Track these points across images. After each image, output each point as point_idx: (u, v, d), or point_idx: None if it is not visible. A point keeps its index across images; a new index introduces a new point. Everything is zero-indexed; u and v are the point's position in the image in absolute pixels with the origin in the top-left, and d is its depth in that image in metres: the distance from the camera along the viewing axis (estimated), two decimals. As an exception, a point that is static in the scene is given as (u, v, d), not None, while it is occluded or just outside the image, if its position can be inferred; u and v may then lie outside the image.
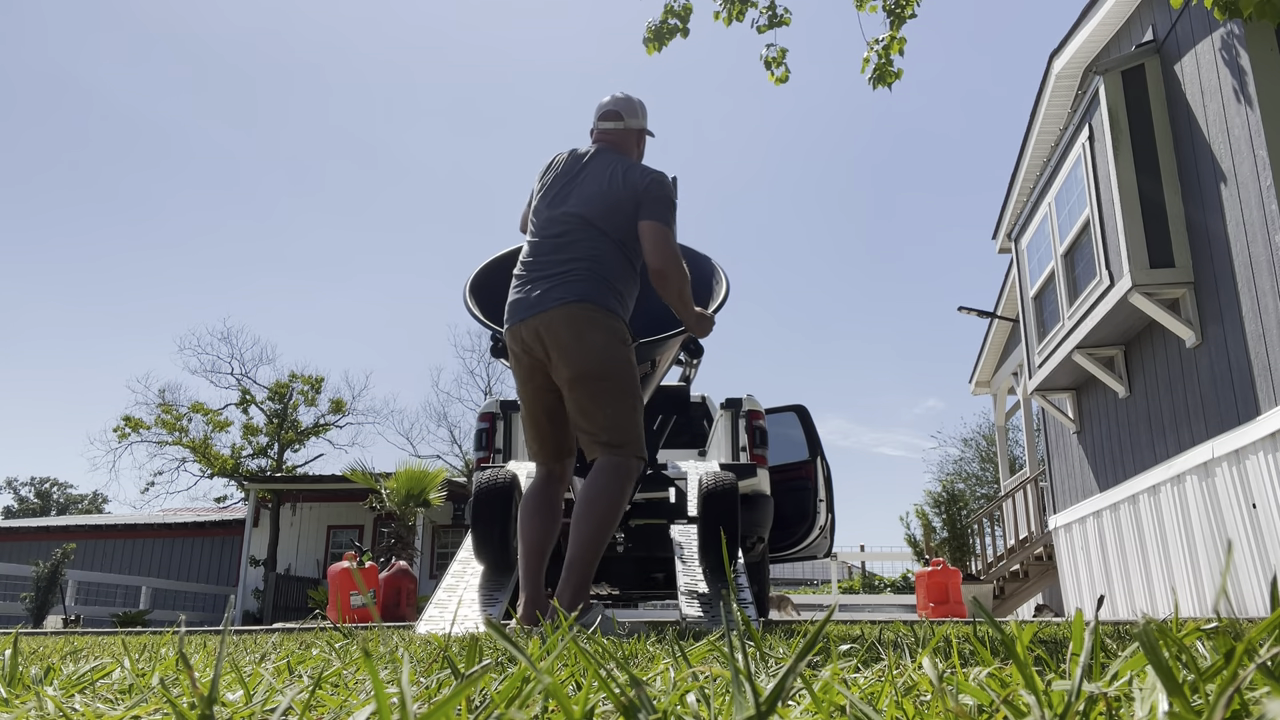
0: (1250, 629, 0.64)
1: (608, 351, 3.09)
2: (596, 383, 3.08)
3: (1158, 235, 6.22)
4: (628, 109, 3.46)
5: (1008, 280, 11.48)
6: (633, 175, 3.25)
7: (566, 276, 3.13)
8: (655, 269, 3.18)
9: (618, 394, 3.10)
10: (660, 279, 3.19)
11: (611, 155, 3.37)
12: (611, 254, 3.19)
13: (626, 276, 3.24)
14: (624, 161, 3.32)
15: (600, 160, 3.34)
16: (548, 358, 3.13)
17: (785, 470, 6.95)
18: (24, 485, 54.09)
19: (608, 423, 3.08)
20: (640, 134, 3.50)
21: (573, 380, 3.09)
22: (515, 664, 1.01)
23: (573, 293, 3.09)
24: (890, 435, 62.98)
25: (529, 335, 3.14)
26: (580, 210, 3.22)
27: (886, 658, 0.94)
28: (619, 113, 3.45)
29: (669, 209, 3.24)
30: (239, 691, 0.86)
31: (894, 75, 6.10)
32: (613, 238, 3.20)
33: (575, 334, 3.06)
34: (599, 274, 3.14)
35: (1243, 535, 5.52)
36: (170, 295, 47.52)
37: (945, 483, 15.57)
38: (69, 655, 1.71)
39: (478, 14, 49.03)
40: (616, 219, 3.20)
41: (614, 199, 3.21)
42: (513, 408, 6.18)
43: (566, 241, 3.21)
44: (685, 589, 3.91)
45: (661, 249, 3.15)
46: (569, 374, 3.09)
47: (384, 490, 13.23)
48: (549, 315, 3.09)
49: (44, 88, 48.75)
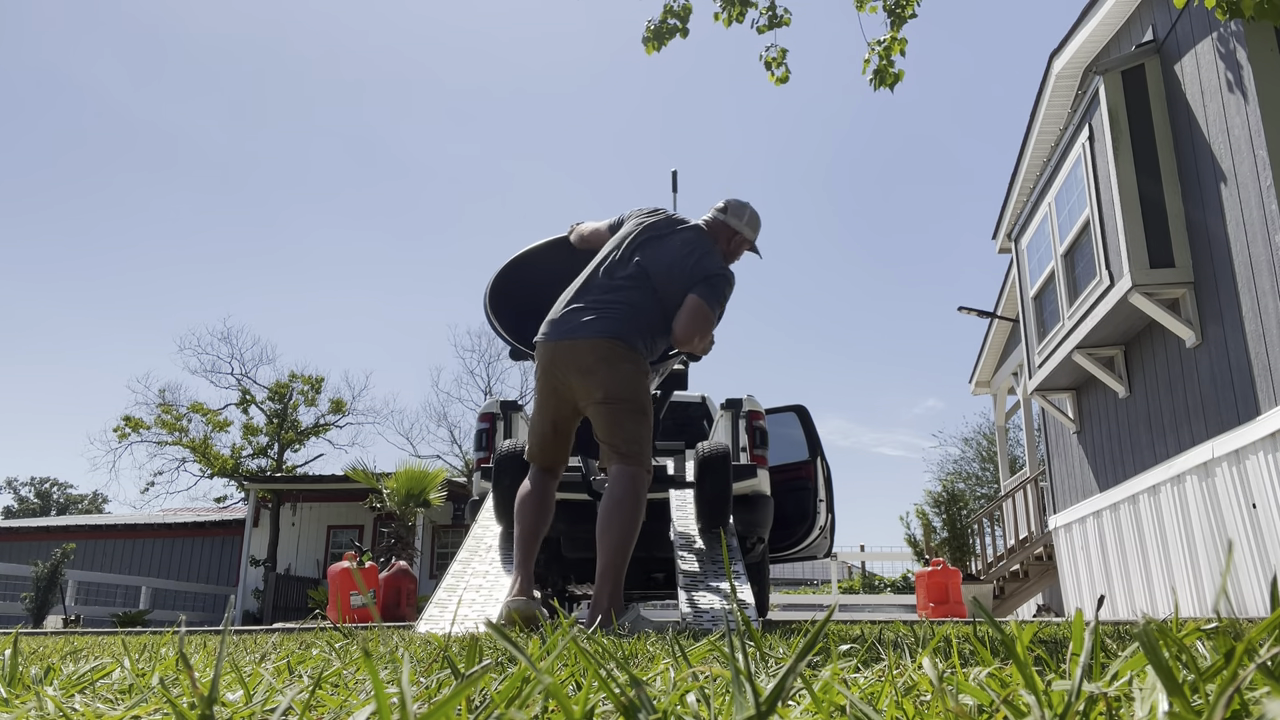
0: (1250, 629, 0.64)
1: (634, 379, 3.46)
2: (623, 404, 3.44)
3: (1158, 235, 6.22)
4: (735, 210, 3.83)
5: (1008, 280, 11.48)
6: (705, 261, 3.59)
7: (607, 313, 3.46)
8: (680, 336, 3.53)
9: (638, 414, 3.47)
10: (680, 344, 3.57)
11: (701, 236, 3.71)
12: (654, 309, 3.53)
13: (659, 332, 3.57)
14: (706, 245, 3.67)
15: (688, 234, 3.69)
16: (571, 378, 3.46)
17: (785, 470, 6.95)
18: (24, 485, 54.15)
19: (627, 436, 3.43)
20: (734, 233, 3.81)
21: (603, 401, 3.43)
22: (515, 664, 1.01)
23: (608, 330, 3.42)
24: (890, 435, 63.01)
25: (557, 357, 3.48)
26: (647, 267, 3.57)
27: (886, 658, 0.94)
28: (727, 209, 3.84)
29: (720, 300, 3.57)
30: (239, 691, 0.86)
31: (895, 76, 6.09)
32: (663, 299, 3.54)
33: (606, 362, 3.41)
34: (636, 319, 3.48)
35: (1243, 535, 5.52)
36: (170, 295, 47.58)
37: (945, 483, 15.59)
38: (69, 655, 1.71)
39: (478, 14, 49.07)
40: (672, 287, 3.54)
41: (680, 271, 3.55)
42: (513, 408, 6.18)
43: (621, 285, 3.54)
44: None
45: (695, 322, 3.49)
46: (600, 395, 3.43)
47: (384, 490, 13.23)
48: (580, 343, 3.43)
49: (44, 87, 48.80)
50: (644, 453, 3.44)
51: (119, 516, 24.43)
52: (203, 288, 45.57)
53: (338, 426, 25.40)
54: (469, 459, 24.73)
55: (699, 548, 4.42)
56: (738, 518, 5.10)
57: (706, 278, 3.53)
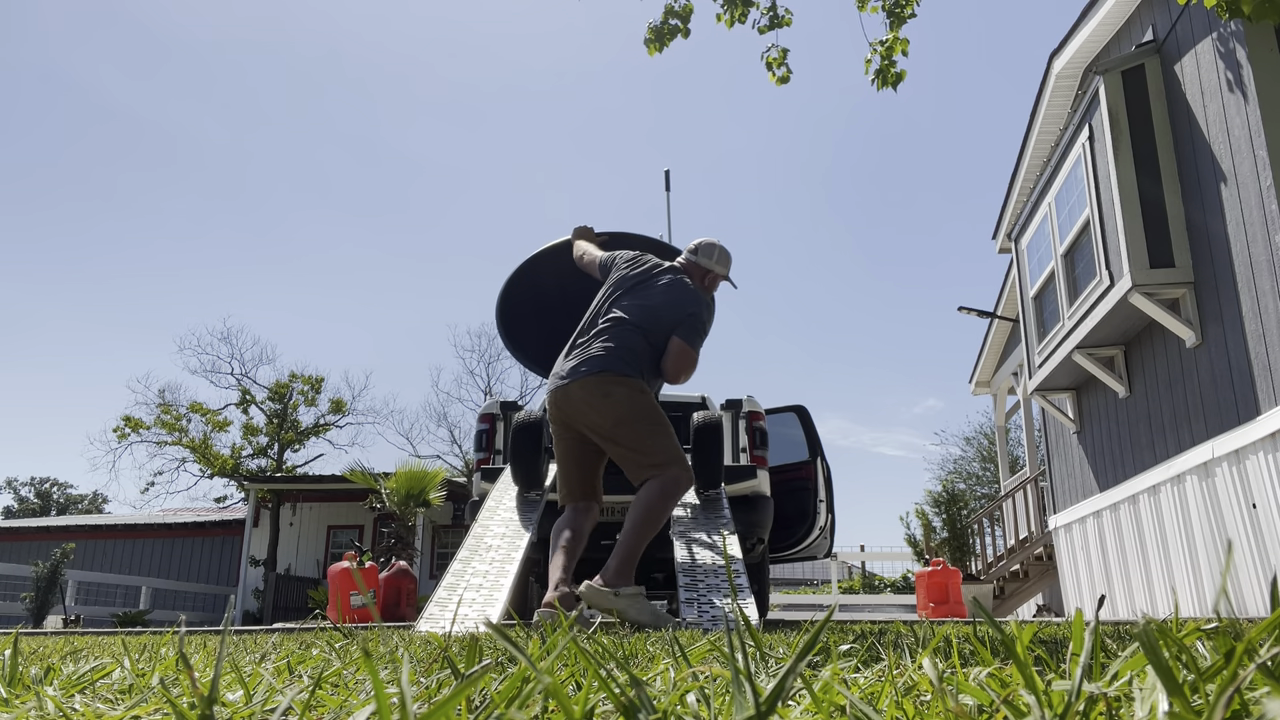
0: (1250, 629, 0.64)
1: (632, 399, 3.80)
2: (631, 425, 3.78)
3: (1158, 235, 6.22)
4: (705, 250, 4.25)
5: (1008, 280, 11.48)
6: (685, 302, 4.01)
7: (601, 354, 3.87)
8: (670, 376, 3.98)
9: (651, 428, 3.80)
10: (671, 382, 4.03)
11: (678, 279, 4.11)
12: (645, 349, 3.92)
13: (650, 365, 3.95)
14: (683, 287, 4.07)
15: (667, 280, 4.10)
16: (583, 416, 3.85)
17: (785, 471, 6.95)
18: (24, 485, 54.12)
19: (648, 450, 3.76)
20: (707, 271, 4.23)
21: (613, 427, 3.79)
22: (515, 664, 1.01)
23: (597, 365, 3.83)
24: (890, 435, 63.02)
25: (562, 403, 3.90)
26: (633, 314, 3.98)
27: (886, 658, 0.94)
28: (698, 250, 4.26)
29: (700, 335, 4.01)
30: (239, 691, 0.86)
31: (897, 76, 6.09)
32: (650, 340, 3.94)
33: (603, 393, 3.78)
34: (628, 356, 3.86)
35: (1243, 535, 5.52)
36: (170, 295, 47.55)
37: (945, 482, 15.59)
38: (69, 655, 1.71)
39: (479, 14, 49.07)
40: (657, 330, 3.95)
41: (666, 314, 3.97)
42: (513, 409, 6.18)
43: (610, 331, 3.94)
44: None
45: (680, 364, 3.95)
46: (608, 423, 3.79)
47: (384, 490, 13.23)
48: (586, 381, 3.81)
49: (43, 87, 48.78)
50: (671, 458, 3.76)
51: (119, 516, 24.43)
52: (203, 288, 45.58)
53: (338, 426, 25.41)
54: (469, 459, 24.73)
55: (699, 549, 4.42)
56: (738, 518, 5.10)
57: (687, 317, 3.95)
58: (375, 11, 46.32)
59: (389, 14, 46.50)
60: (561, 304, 5.13)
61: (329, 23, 46.56)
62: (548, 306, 5.40)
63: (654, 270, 4.15)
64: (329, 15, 46.32)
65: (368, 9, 45.80)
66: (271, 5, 46.11)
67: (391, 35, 47.27)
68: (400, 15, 47.10)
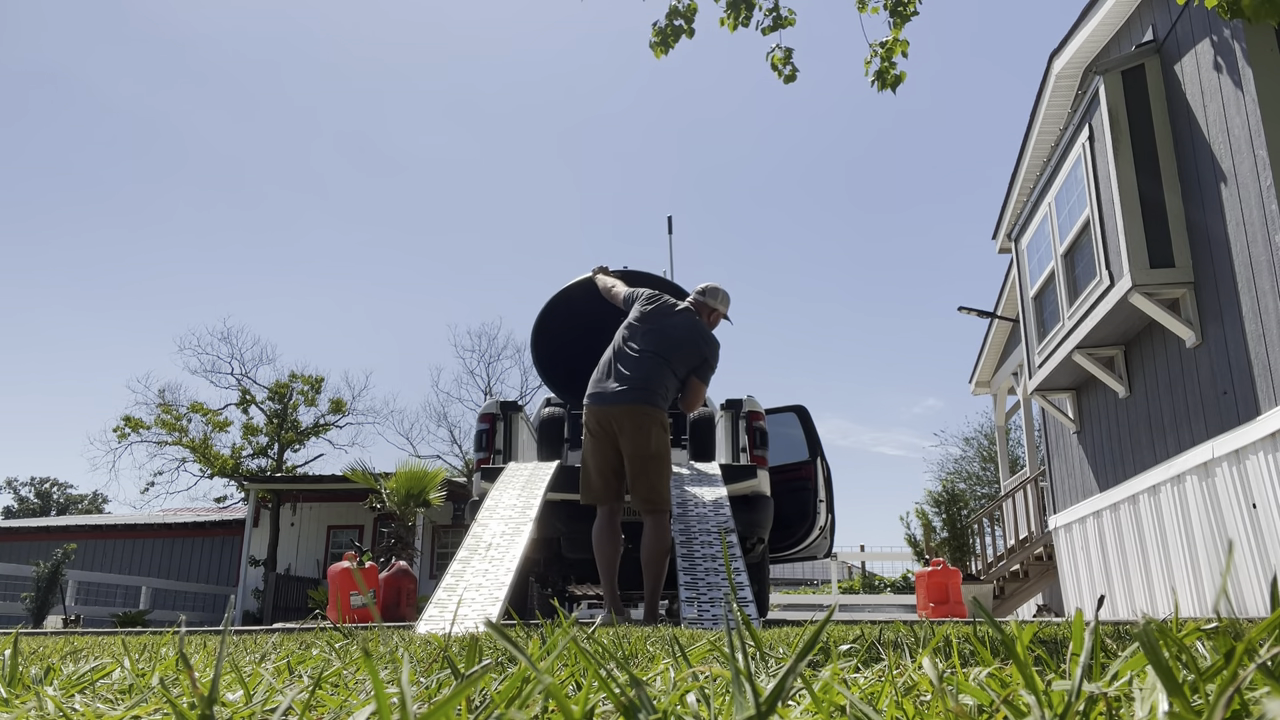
0: (1250, 629, 0.64)
1: (659, 438, 4.77)
2: (650, 460, 4.73)
3: (1158, 235, 6.22)
4: (711, 293, 5.17)
5: (1008, 280, 11.48)
6: (700, 343, 5.00)
7: (636, 383, 4.77)
8: (687, 409, 5.13)
9: (661, 466, 4.76)
10: (686, 411, 5.21)
11: (692, 319, 5.07)
12: (668, 379, 4.88)
13: (671, 392, 4.93)
14: (699, 328, 5.04)
15: (684, 319, 5.04)
16: (620, 431, 4.72)
17: (785, 470, 6.95)
18: (24, 485, 54.14)
19: (658, 489, 4.71)
20: (713, 310, 5.16)
21: (634, 456, 4.72)
22: (515, 664, 1.01)
23: (640, 398, 4.75)
24: (890, 435, 63.02)
25: (604, 418, 4.76)
26: (659, 349, 4.89)
27: (886, 658, 0.94)
28: (705, 293, 5.18)
29: (712, 372, 5.06)
30: (239, 691, 0.86)
31: (896, 78, 6.08)
32: (673, 371, 4.90)
33: (640, 426, 4.71)
34: (656, 388, 4.81)
35: (1243, 535, 5.52)
36: (170, 295, 47.53)
37: (945, 482, 15.57)
38: (69, 655, 1.71)
39: (479, 14, 49.06)
40: (678, 358, 4.91)
41: (685, 352, 4.94)
42: (513, 409, 6.19)
43: (642, 361, 4.84)
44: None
45: (696, 401, 5.09)
46: (633, 452, 4.72)
47: (384, 490, 13.22)
48: (621, 409, 4.74)
49: (44, 87, 48.77)
50: (666, 500, 4.75)
51: (119, 516, 24.43)
52: (203, 287, 45.57)
53: (338, 426, 25.41)
54: (469, 459, 24.74)
55: (699, 549, 4.43)
56: (738, 518, 5.10)
57: (704, 360, 4.97)
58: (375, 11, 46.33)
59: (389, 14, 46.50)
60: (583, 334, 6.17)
61: (329, 21, 46.58)
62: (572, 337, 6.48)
63: (672, 308, 5.06)
64: (328, 14, 46.34)
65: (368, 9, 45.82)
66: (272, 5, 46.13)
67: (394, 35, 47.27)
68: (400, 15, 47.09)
